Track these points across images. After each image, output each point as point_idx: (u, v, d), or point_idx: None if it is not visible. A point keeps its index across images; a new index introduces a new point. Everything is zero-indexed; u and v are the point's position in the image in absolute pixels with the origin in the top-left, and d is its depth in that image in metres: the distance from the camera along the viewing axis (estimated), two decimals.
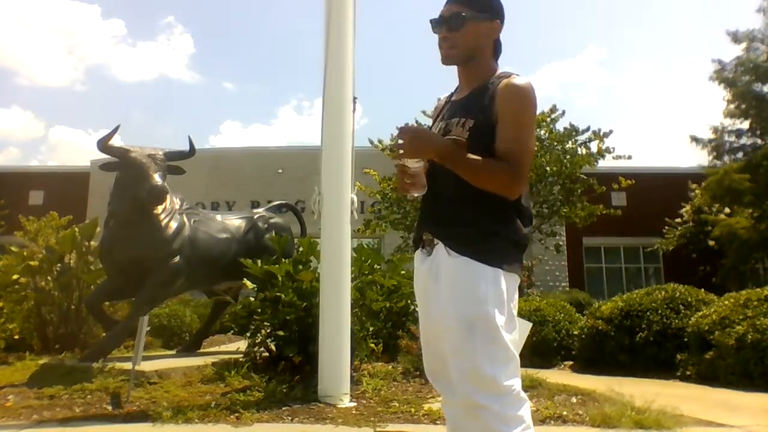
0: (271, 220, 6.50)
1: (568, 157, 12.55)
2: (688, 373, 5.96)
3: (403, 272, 6.14)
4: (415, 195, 1.80)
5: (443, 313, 1.72)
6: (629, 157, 13.03)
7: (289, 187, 16.84)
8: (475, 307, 1.65)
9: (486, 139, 1.73)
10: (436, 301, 1.77)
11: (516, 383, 1.68)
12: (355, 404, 3.90)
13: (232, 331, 5.60)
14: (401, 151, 1.70)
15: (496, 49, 1.92)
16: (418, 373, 4.77)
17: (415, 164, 1.73)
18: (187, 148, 5.62)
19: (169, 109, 58.37)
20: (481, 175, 1.69)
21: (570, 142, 12.80)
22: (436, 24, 1.90)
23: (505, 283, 1.69)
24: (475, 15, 1.85)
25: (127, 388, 4.07)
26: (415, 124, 1.75)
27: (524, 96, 1.74)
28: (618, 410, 3.66)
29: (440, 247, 1.77)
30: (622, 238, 19.70)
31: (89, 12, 53.60)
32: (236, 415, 3.59)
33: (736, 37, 16.43)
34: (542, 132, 12.54)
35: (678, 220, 17.64)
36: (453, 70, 1.94)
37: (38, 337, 6.90)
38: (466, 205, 1.74)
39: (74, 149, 48.68)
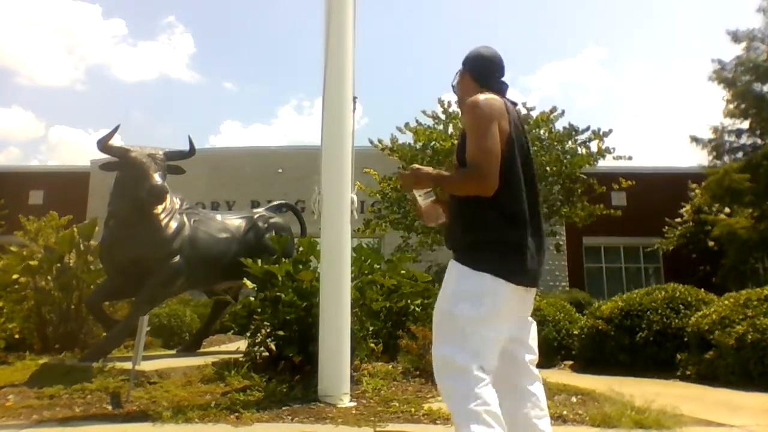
0: (271, 220, 6.50)
1: (568, 157, 12.53)
2: (688, 372, 5.97)
3: (403, 272, 6.13)
4: (431, 225, 2.22)
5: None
6: (629, 158, 13.01)
7: (289, 187, 16.82)
8: (447, 302, 2.03)
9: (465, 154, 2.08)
10: None
11: (473, 363, 1.91)
12: (355, 404, 3.90)
13: (232, 331, 5.61)
14: (400, 186, 2.17)
15: (482, 81, 2.24)
16: (418, 372, 4.78)
17: (422, 200, 2.17)
18: (187, 147, 5.61)
19: (169, 109, 58.45)
20: (456, 184, 2.10)
21: (570, 142, 12.78)
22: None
23: (486, 283, 1.97)
24: (456, 78, 2.34)
25: (127, 388, 4.07)
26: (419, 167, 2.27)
27: (470, 108, 2.08)
28: (618, 410, 3.67)
29: None
30: (622, 238, 19.68)
31: (89, 12, 53.67)
32: (236, 414, 3.60)
33: (736, 37, 16.39)
34: (542, 132, 12.53)
35: (678, 220, 17.60)
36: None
37: (38, 337, 6.90)
38: (455, 219, 2.15)
39: (74, 149, 48.68)
